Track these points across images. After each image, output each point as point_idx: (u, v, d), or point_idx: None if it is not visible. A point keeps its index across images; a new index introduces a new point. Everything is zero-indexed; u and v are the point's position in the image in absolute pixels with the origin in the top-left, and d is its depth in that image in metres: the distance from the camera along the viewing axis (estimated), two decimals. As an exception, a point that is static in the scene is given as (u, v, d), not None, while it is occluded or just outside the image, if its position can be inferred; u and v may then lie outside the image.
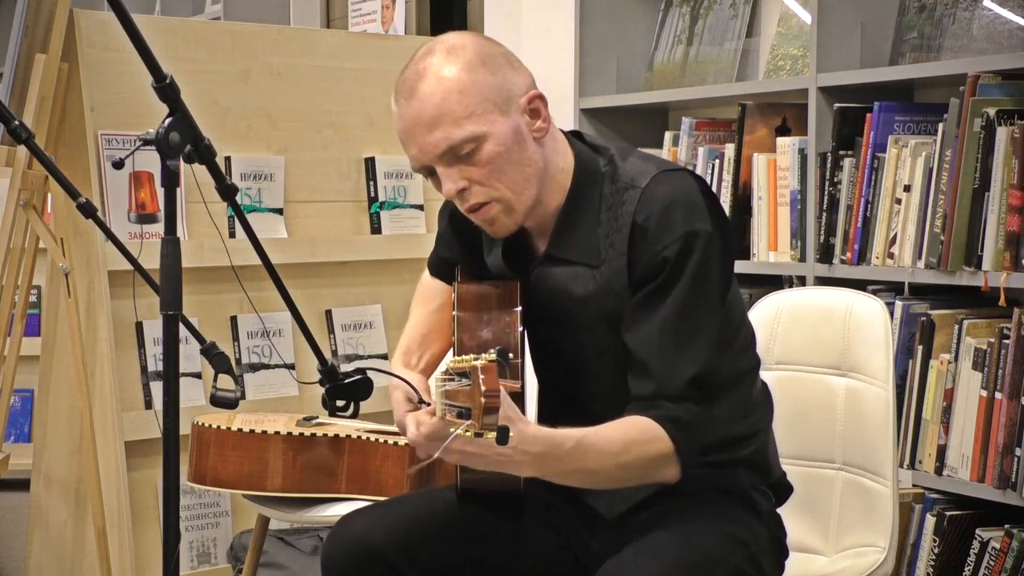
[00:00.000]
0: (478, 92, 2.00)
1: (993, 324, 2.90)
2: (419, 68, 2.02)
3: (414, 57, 2.05)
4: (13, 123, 2.83)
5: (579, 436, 1.91)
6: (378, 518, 2.13)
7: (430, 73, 2.01)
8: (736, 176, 3.52)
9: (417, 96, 2.00)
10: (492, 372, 1.72)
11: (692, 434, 2.00)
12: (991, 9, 3.11)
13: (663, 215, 2.01)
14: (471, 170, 2.02)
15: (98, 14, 3.50)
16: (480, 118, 2.00)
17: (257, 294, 2.93)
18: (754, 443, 2.17)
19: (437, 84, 2.00)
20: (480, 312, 2.10)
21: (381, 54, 4.00)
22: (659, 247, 2.00)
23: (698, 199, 2.03)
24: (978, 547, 2.93)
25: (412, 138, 2.03)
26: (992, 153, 2.86)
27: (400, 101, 2.03)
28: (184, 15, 6.35)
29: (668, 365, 2.00)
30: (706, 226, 2.01)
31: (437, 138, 2.00)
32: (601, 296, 2.06)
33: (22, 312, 3.53)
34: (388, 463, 2.70)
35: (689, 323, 2.01)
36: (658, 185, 2.04)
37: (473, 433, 1.72)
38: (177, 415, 2.14)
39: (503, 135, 2.01)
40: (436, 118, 1.99)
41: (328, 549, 2.12)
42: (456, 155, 2.01)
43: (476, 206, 2.04)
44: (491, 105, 2.01)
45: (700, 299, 2.01)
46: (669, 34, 4.02)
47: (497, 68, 2.03)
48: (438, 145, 2.00)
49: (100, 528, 3.30)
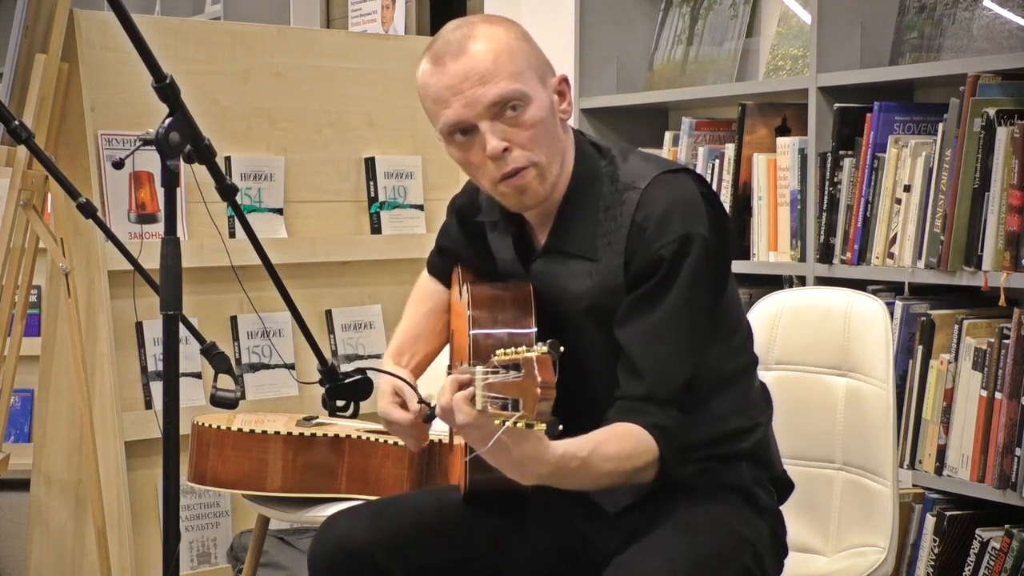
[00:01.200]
0: (524, 57, 2.04)
1: (993, 324, 2.90)
2: (464, 32, 2.04)
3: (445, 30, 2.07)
4: (13, 123, 2.84)
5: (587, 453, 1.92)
6: (364, 518, 2.14)
7: (479, 33, 2.03)
8: (736, 176, 3.52)
9: (468, 53, 2.02)
10: (548, 364, 1.71)
11: (675, 441, 2.02)
12: (991, 9, 3.11)
13: (662, 217, 2.02)
14: (514, 131, 2.03)
15: (98, 14, 3.50)
16: (528, 80, 2.03)
17: (257, 294, 2.93)
18: (755, 436, 2.17)
19: (491, 42, 2.02)
20: (495, 312, 2.10)
21: (381, 54, 4.00)
22: (656, 246, 2.01)
23: (697, 201, 2.04)
24: (978, 547, 2.93)
25: (459, 93, 2.02)
26: (992, 153, 2.86)
27: (445, 61, 2.03)
28: (184, 15, 6.35)
29: (660, 368, 2.01)
30: (703, 229, 2.03)
31: (490, 89, 2.01)
32: (596, 293, 2.07)
33: (22, 312, 3.53)
34: (388, 463, 2.71)
35: (682, 328, 2.02)
36: (658, 187, 2.05)
37: (525, 424, 1.71)
38: (177, 415, 2.14)
39: (544, 103, 2.05)
40: (491, 71, 2.01)
41: (314, 549, 2.13)
42: (504, 108, 2.02)
43: (514, 171, 2.04)
44: (534, 73, 2.05)
45: (694, 305, 2.03)
46: (669, 34, 4.02)
47: (534, 45, 2.09)
48: (489, 95, 2.01)
49: (100, 528, 3.30)
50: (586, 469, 1.92)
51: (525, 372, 1.71)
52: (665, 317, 2.01)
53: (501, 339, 2.06)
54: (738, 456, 2.15)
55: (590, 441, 1.93)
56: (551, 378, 1.70)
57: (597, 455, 1.93)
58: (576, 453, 1.90)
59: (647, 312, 2.02)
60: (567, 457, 1.89)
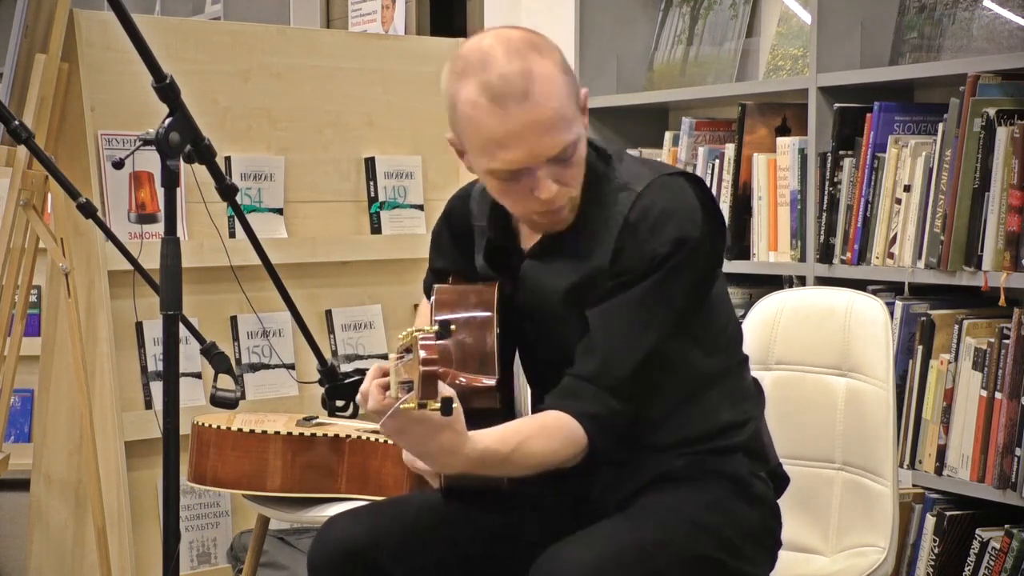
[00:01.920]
0: (573, 94, 2.03)
1: (993, 324, 2.90)
2: (521, 69, 1.97)
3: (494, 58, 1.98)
4: (13, 123, 2.84)
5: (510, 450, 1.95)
6: (363, 519, 2.14)
7: (537, 74, 1.98)
8: (736, 176, 3.52)
9: (532, 99, 1.97)
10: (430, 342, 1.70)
11: (608, 430, 2.04)
12: (991, 9, 3.11)
13: (659, 220, 2.03)
14: (563, 171, 2.03)
15: (98, 14, 3.50)
16: (576, 120, 2.03)
17: (257, 294, 2.93)
18: (748, 429, 2.19)
19: (550, 86, 1.98)
20: (457, 315, 2.11)
21: (381, 54, 4.00)
22: (649, 247, 2.03)
23: (695, 207, 2.06)
24: (978, 547, 2.93)
25: (523, 140, 1.98)
26: (992, 153, 2.86)
27: (508, 105, 1.96)
28: (184, 15, 6.34)
29: (611, 351, 2.03)
30: (696, 233, 2.04)
31: (554, 141, 1.99)
32: (580, 289, 2.08)
33: (22, 312, 3.52)
34: (388, 463, 2.70)
35: (643, 318, 2.03)
36: (656, 190, 2.05)
37: (415, 404, 1.70)
38: (177, 415, 2.14)
39: (584, 135, 2.06)
40: (554, 121, 1.98)
41: (314, 551, 2.13)
42: (561, 159, 2.01)
43: (557, 208, 2.05)
44: (576, 107, 2.04)
45: (662, 300, 2.04)
46: (669, 34, 4.02)
47: (570, 67, 2.06)
48: (553, 148, 1.99)
49: (100, 528, 3.29)
50: (507, 464, 1.97)
51: (413, 353, 1.71)
52: (630, 304, 2.03)
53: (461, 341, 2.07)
54: (733, 449, 2.16)
55: (517, 435, 1.97)
56: (433, 354, 1.69)
57: (521, 452, 1.96)
58: (499, 450, 1.94)
59: (617, 295, 2.04)
60: (488, 452, 1.92)
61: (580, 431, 2.02)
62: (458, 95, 2.00)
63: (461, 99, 2.00)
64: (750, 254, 3.50)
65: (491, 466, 1.95)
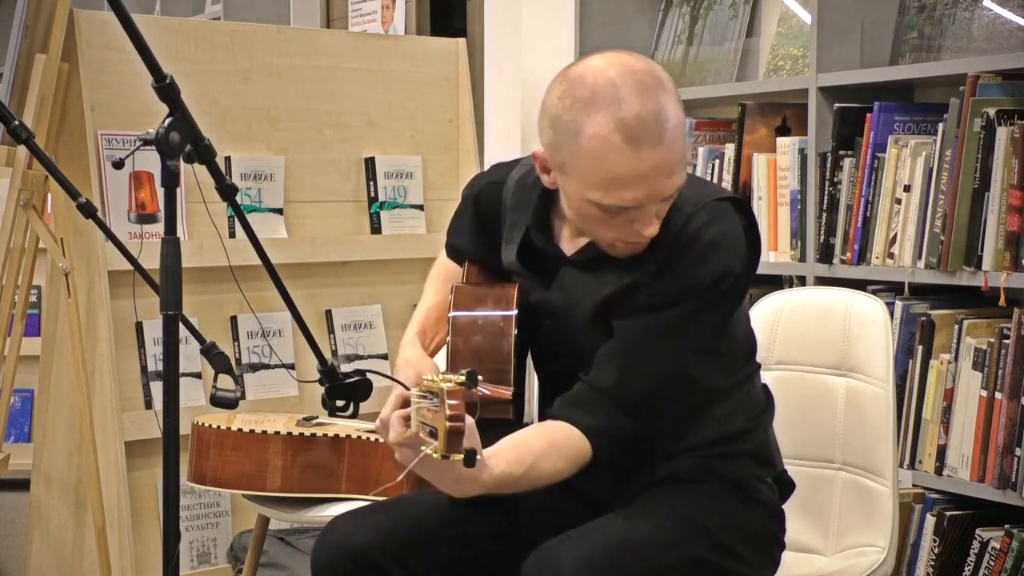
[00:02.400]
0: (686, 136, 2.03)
1: (993, 324, 2.90)
2: (655, 111, 1.94)
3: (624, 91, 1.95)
4: (13, 123, 2.83)
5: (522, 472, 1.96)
6: (366, 520, 2.14)
7: (669, 116, 1.96)
8: (736, 176, 3.52)
9: (665, 142, 1.94)
10: (459, 396, 1.70)
11: (613, 446, 2.05)
12: (991, 9, 3.11)
13: (706, 249, 2.03)
14: (665, 207, 2.02)
15: (98, 14, 3.50)
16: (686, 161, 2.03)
17: (257, 294, 2.93)
18: (757, 436, 2.19)
19: (678, 130, 1.97)
20: (475, 316, 2.11)
21: (381, 54, 4.00)
22: (693, 273, 2.02)
23: (740, 239, 2.07)
24: (978, 547, 2.93)
25: (648, 182, 1.96)
26: (992, 153, 2.86)
27: (642, 147, 1.93)
28: (184, 15, 6.34)
29: (636, 368, 2.03)
30: (739, 268, 2.06)
31: (673, 183, 1.98)
32: (613, 300, 2.08)
33: (22, 312, 3.52)
34: (388, 463, 2.70)
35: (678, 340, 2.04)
36: (707, 215, 2.05)
37: (440, 455, 1.72)
38: (177, 415, 2.14)
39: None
40: (677, 164, 1.98)
41: (317, 552, 2.13)
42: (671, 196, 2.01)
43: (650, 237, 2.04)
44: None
45: (699, 326, 2.05)
46: (669, 34, 4.02)
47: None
48: (670, 189, 1.99)
49: (100, 528, 3.30)
50: (519, 484, 1.98)
51: (440, 404, 1.72)
52: (661, 325, 2.03)
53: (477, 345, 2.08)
54: (741, 454, 2.17)
55: (529, 457, 1.97)
56: (460, 411, 1.70)
57: (532, 472, 1.98)
58: (512, 472, 1.95)
59: (650, 312, 2.03)
60: (503, 476, 1.94)
61: (586, 446, 2.03)
62: (585, 126, 1.94)
63: (588, 131, 1.94)
64: (750, 254, 3.50)
65: (504, 487, 1.96)
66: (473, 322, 2.11)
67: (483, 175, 2.36)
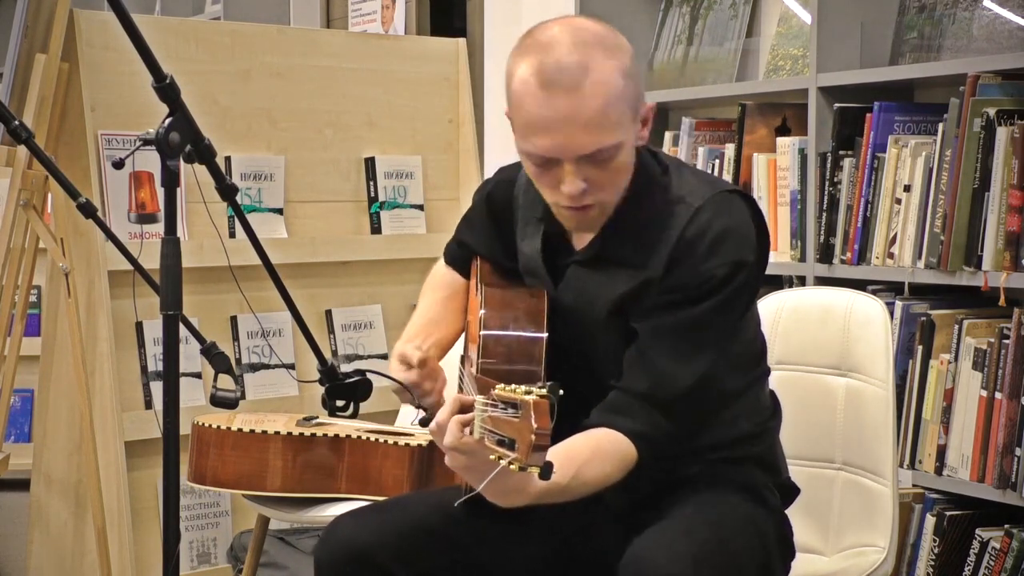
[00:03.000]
0: (627, 101, 1.99)
1: (993, 324, 2.90)
2: (580, 61, 1.96)
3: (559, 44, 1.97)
4: (13, 123, 2.84)
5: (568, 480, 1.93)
6: (369, 520, 2.14)
7: (595, 70, 1.96)
8: (736, 176, 3.52)
9: (580, 92, 1.94)
10: (544, 410, 1.68)
11: (656, 450, 2.03)
12: (991, 9, 3.11)
13: (717, 239, 2.01)
14: (596, 173, 2.00)
15: (98, 14, 3.50)
16: (625, 127, 1.99)
17: (257, 294, 2.93)
18: (764, 441, 2.19)
19: (602, 86, 1.96)
20: (506, 318, 2.10)
21: (381, 54, 4.00)
22: (705, 266, 2.01)
23: (750, 229, 2.05)
24: (978, 547, 2.93)
25: (558, 131, 1.96)
26: (992, 153, 2.86)
27: (555, 92, 1.94)
28: (184, 15, 6.35)
29: (668, 370, 2.01)
30: (752, 257, 2.04)
31: (590, 140, 1.97)
32: (627, 299, 2.07)
33: (22, 312, 3.53)
34: (388, 463, 2.70)
35: (703, 338, 2.02)
36: (715, 207, 2.04)
37: (519, 467, 1.69)
38: (177, 415, 2.14)
39: (631, 144, 2.03)
40: (595, 121, 1.96)
41: (319, 552, 2.12)
42: (595, 159, 1.99)
43: (585, 206, 2.04)
44: (632, 114, 2.01)
45: (722, 321, 2.03)
46: (669, 34, 4.02)
47: (637, 74, 2.03)
48: (587, 147, 1.97)
49: (100, 528, 3.30)
50: (566, 493, 1.95)
51: (522, 414, 1.69)
52: (690, 322, 2.01)
53: (510, 344, 2.06)
54: (747, 459, 2.16)
55: (573, 464, 1.94)
56: (547, 424, 1.68)
57: (579, 479, 1.95)
58: (559, 481, 1.90)
59: (674, 312, 2.02)
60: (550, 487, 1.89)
61: (632, 450, 2.00)
62: (514, 70, 1.99)
63: (515, 75, 1.99)
64: (750, 254, 3.50)
65: (551, 497, 1.93)
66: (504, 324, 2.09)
67: (492, 178, 2.36)
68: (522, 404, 1.69)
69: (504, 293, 2.15)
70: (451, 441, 1.83)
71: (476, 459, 1.81)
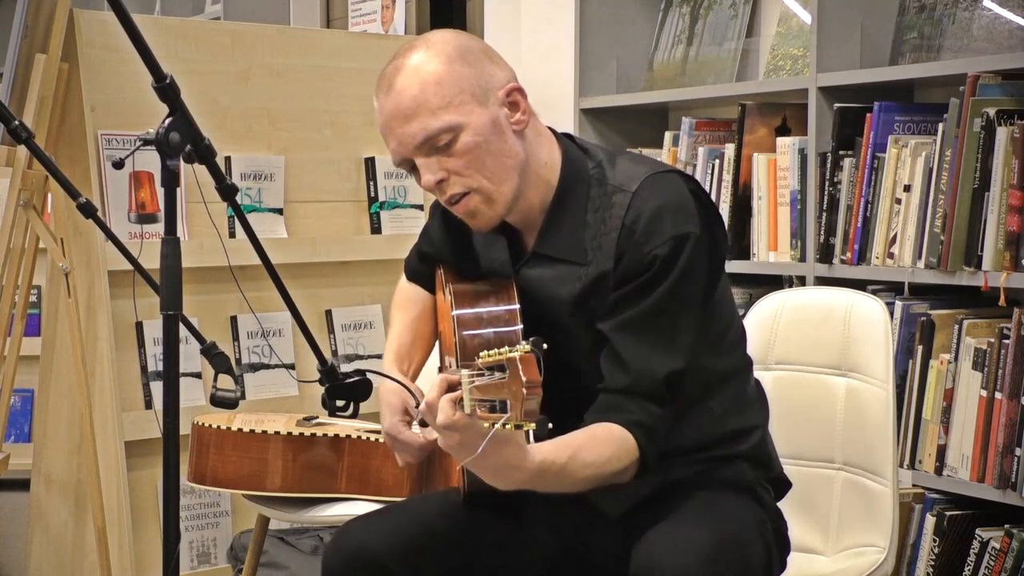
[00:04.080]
0: (455, 83, 2.03)
1: (993, 324, 2.90)
2: (398, 64, 2.05)
3: (395, 55, 2.08)
4: (13, 123, 2.83)
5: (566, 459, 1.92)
6: (377, 526, 2.13)
7: (407, 67, 2.04)
8: (736, 176, 3.52)
9: (395, 89, 2.03)
10: (532, 363, 1.70)
11: (655, 437, 2.02)
12: (991, 9, 3.11)
13: (652, 219, 2.01)
14: (449, 161, 2.03)
15: (98, 14, 3.50)
16: (457, 108, 2.02)
17: (257, 294, 2.93)
18: (753, 437, 2.18)
19: (414, 76, 2.03)
20: (479, 311, 2.10)
21: (381, 54, 3.96)
22: (647, 248, 2.01)
23: (688, 201, 2.04)
24: (978, 547, 2.93)
25: (391, 131, 2.05)
26: (992, 153, 2.86)
27: (380, 96, 2.06)
28: (184, 15, 6.34)
29: (643, 360, 2.01)
30: (695, 228, 2.02)
31: (414, 128, 2.02)
32: (586, 296, 2.06)
33: (22, 312, 3.52)
34: (388, 463, 2.70)
35: (668, 321, 2.02)
36: (648, 189, 2.04)
37: (514, 425, 1.70)
38: (177, 415, 2.14)
39: (481, 125, 2.03)
40: (413, 109, 2.02)
41: (329, 559, 2.12)
42: (434, 146, 2.02)
43: (455, 197, 2.05)
44: (468, 96, 2.03)
45: (681, 300, 2.02)
46: (669, 34, 4.02)
47: (475, 61, 2.06)
48: (415, 136, 2.02)
49: (100, 528, 3.29)
50: (565, 475, 1.93)
51: (510, 373, 1.70)
52: (650, 309, 2.01)
53: (488, 338, 2.06)
54: (737, 457, 2.15)
55: (569, 447, 1.93)
56: (536, 377, 1.69)
57: (576, 461, 1.93)
58: (555, 460, 1.91)
59: (632, 304, 2.02)
60: (546, 464, 1.89)
61: (630, 438, 1.99)
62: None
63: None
64: (750, 254, 3.50)
65: (550, 478, 1.91)
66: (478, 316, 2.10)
67: None
68: (508, 363, 1.70)
69: (472, 288, 2.17)
70: (443, 420, 1.82)
71: (469, 433, 1.80)
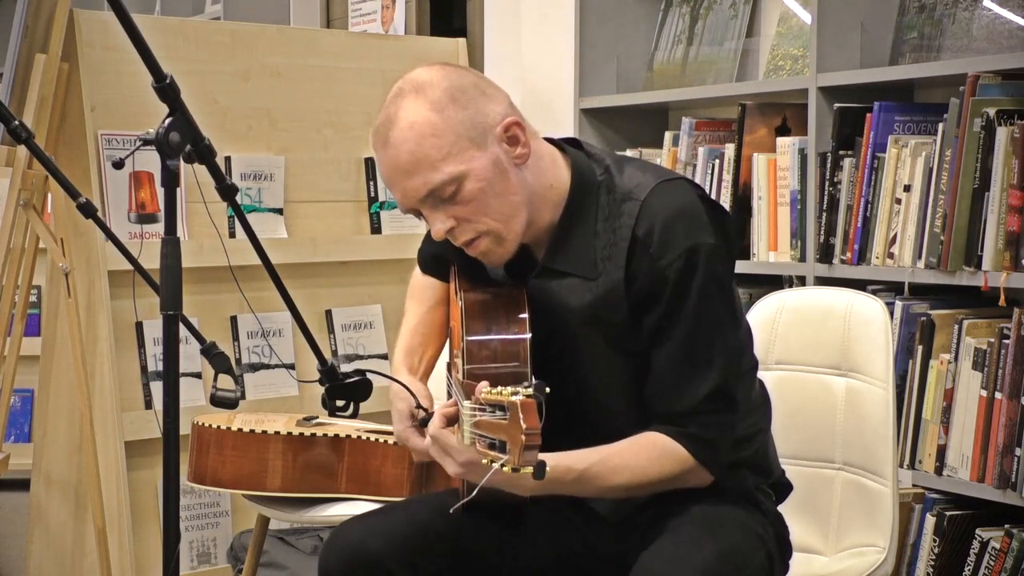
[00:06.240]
0: (451, 130, 1.99)
1: (993, 324, 2.90)
2: (389, 113, 2.01)
3: (387, 99, 2.04)
4: (13, 123, 2.83)
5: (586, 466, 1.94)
6: (375, 525, 2.13)
7: (400, 118, 2.00)
8: (736, 176, 3.52)
9: (391, 144, 2.00)
10: (532, 410, 1.69)
11: (714, 445, 2.02)
12: (991, 9, 3.11)
13: (664, 230, 2.00)
14: (456, 208, 2.01)
15: (98, 14, 3.50)
16: (456, 157, 1.98)
17: (257, 294, 2.93)
18: (755, 444, 2.17)
19: (409, 130, 1.99)
20: (488, 322, 2.09)
21: (381, 54, 4.00)
22: (662, 263, 2.00)
23: (699, 210, 2.03)
24: (978, 547, 2.93)
25: (394, 184, 2.03)
26: (992, 153, 2.86)
27: (377, 150, 2.03)
28: (184, 15, 6.34)
29: (683, 387, 2.01)
30: (708, 238, 2.01)
31: (416, 183, 1.99)
32: (597, 308, 2.05)
33: (22, 312, 3.52)
34: (388, 463, 2.70)
35: (702, 343, 2.02)
36: (658, 197, 2.03)
37: (511, 468, 1.70)
38: (177, 415, 2.14)
39: (482, 170, 2.00)
40: (412, 165, 1.99)
41: (325, 557, 2.12)
42: (439, 198, 2.00)
43: (467, 242, 2.05)
44: (466, 141, 1.99)
45: (710, 317, 2.02)
46: (669, 34, 4.02)
47: (468, 101, 2.01)
48: (419, 190, 2.00)
49: (100, 528, 3.30)
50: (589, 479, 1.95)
51: (510, 416, 1.69)
52: (682, 335, 2.01)
53: (495, 348, 2.05)
54: (738, 465, 2.14)
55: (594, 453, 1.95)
56: (536, 425, 1.68)
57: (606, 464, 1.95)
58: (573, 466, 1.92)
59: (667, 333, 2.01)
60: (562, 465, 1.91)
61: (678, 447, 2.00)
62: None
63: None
64: (750, 254, 3.50)
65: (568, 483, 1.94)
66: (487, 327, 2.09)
67: None
68: (509, 406, 1.69)
69: (483, 297, 2.14)
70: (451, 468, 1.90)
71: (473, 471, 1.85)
